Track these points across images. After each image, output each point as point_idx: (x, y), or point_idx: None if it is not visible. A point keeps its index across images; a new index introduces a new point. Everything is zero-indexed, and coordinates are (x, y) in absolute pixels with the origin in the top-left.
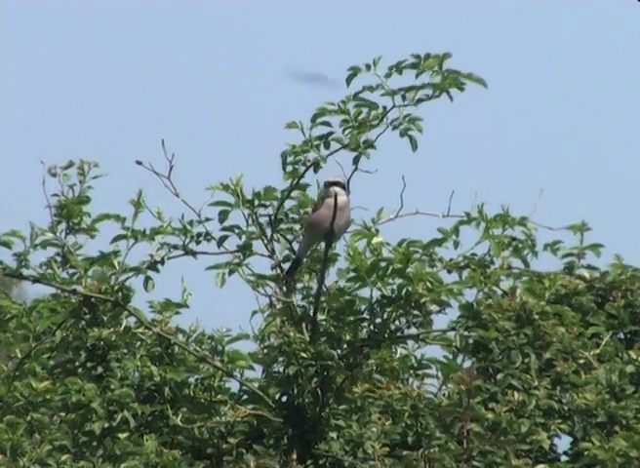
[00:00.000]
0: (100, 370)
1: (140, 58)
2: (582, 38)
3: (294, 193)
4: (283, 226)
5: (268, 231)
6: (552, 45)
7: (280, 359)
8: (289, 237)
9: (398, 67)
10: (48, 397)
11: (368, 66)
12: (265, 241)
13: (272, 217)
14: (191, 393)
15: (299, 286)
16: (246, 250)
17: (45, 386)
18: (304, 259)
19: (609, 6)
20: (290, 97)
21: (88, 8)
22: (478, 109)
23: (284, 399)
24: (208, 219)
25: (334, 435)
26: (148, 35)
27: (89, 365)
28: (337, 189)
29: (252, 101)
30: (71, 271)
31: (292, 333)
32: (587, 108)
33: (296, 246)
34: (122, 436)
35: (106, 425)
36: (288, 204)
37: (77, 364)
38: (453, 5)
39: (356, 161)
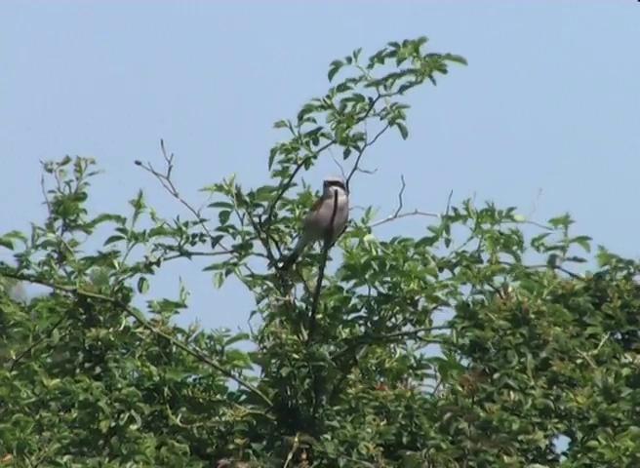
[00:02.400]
0: (97, 370)
1: (140, 58)
2: (582, 38)
3: (285, 194)
4: (272, 227)
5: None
6: (552, 44)
7: (273, 360)
8: (276, 238)
9: (379, 57)
10: (59, 394)
11: (349, 59)
12: (262, 241)
13: (260, 219)
14: (190, 393)
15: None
16: (243, 249)
17: (55, 384)
18: (300, 256)
19: (609, 6)
20: (290, 97)
21: (88, 8)
22: (478, 109)
23: (279, 399)
24: (203, 220)
25: (328, 436)
26: (148, 35)
27: (87, 365)
28: (336, 188)
29: (251, 102)
30: (69, 269)
31: (284, 335)
32: (587, 108)
33: (282, 248)
34: (133, 427)
35: (113, 424)
36: (280, 205)
37: (75, 364)
38: (453, 4)
39: (346, 155)
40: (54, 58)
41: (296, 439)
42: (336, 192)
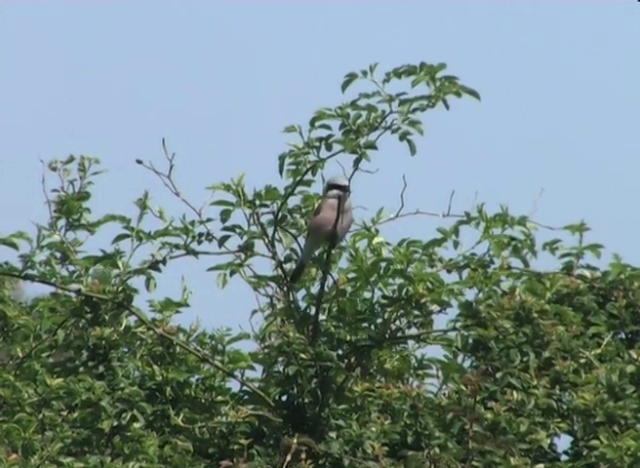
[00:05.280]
0: (101, 369)
1: (140, 58)
2: (580, 38)
3: (298, 189)
4: (290, 222)
5: (270, 231)
6: (551, 44)
7: (280, 359)
8: (293, 231)
9: (395, 73)
10: (62, 394)
11: (364, 73)
12: (267, 241)
13: (275, 214)
14: (192, 393)
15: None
16: (247, 250)
17: (58, 383)
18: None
19: (609, 7)
20: (290, 97)
21: (88, 8)
22: (478, 109)
23: (284, 398)
24: (209, 220)
25: (333, 435)
26: (149, 35)
27: (90, 364)
28: (338, 191)
29: (252, 101)
30: (71, 269)
31: (291, 333)
32: (587, 109)
33: (301, 240)
34: (136, 426)
35: (115, 423)
36: (292, 201)
37: (78, 363)
38: (454, 10)
39: (357, 163)
40: (55, 58)
41: (294, 441)
42: (340, 196)
